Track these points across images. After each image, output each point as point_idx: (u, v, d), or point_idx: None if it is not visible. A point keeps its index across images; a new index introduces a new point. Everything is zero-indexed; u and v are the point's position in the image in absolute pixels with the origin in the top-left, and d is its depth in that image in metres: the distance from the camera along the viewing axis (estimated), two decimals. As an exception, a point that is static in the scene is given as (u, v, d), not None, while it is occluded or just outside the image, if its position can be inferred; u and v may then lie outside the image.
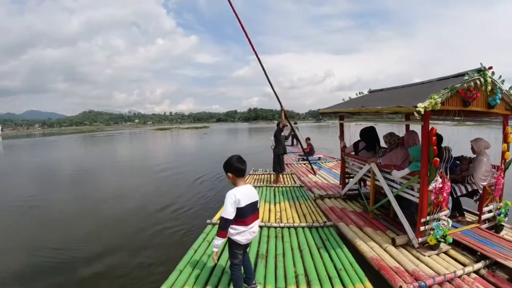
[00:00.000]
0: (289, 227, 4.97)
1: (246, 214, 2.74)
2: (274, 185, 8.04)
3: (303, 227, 4.96)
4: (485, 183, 4.39)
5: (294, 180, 8.79)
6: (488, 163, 4.48)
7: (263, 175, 9.65)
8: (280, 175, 8.77)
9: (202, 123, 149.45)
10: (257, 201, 2.89)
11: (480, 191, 4.45)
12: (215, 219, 5.25)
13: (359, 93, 6.24)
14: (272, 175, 9.20)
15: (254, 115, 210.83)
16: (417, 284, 3.09)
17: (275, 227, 4.96)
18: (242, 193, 2.75)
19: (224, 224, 2.71)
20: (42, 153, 25.43)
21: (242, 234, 2.78)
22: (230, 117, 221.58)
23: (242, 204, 2.70)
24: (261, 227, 4.84)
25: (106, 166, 15.73)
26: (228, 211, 2.68)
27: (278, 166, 8.40)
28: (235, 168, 2.81)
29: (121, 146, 30.83)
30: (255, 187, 7.62)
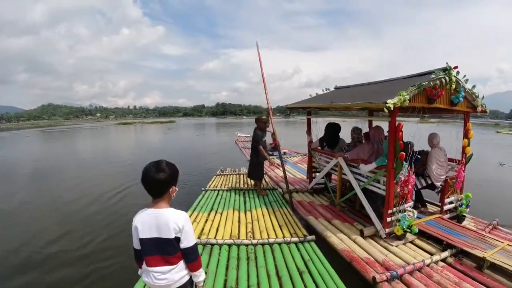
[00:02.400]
0: (263, 244, 4.16)
1: (145, 251, 1.83)
2: (244, 188, 7.13)
3: (279, 243, 4.18)
4: (442, 177, 4.66)
5: (265, 181, 7.65)
6: (442, 156, 4.73)
7: (231, 176, 8.66)
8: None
9: (168, 118, 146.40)
10: (167, 239, 1.78)
11: (436, 183, 4.70)
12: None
13: (326, 89, 6.36)
14: (241, 176, 8.53)
15: (222, 110, 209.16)
16: (389, 274, 3.22)
17: (247, 245, 4.15)
18: (142, 220, 1.82)
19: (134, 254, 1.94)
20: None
21: (145, 273, 1.90)
22: (197, 111, 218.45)
23: (141, 235, 1.80)
24: (229, 245, 4.13)
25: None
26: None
27: (261, 171, 6.65)
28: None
29: (67, 142, 27.50)
30: (222, 190, 6.91)
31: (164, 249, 1.79)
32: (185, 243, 1.80)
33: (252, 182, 7.22)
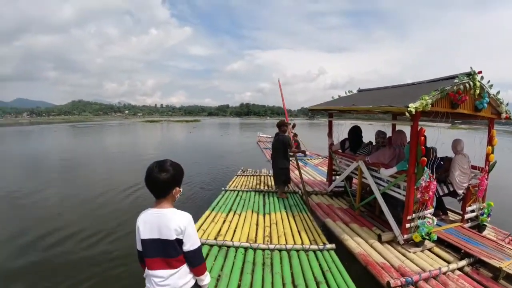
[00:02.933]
0: (280, 250, 4.02)
1: (146, 252, 1.74)
2: (265, 190, 6.97)
3: (297, 250, 4.01)
4: (464, 184, 4.55)
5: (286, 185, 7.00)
6: (466, 163, 4.63)
7: (252, 177, 8.54)
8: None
9: (193, 117, 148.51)
10: (168, 240, 1.69)
11: (458, 191, 4.60)
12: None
13: (349, 92, 6.33)
14: (262, 177, 8.44)
15: (246, 110, 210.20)
16: (404, 279, 3.19)
17: (263, 249, 4.02)
18: (144, 220, 1.75)
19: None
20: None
21: (148, 278, 1.79)
22: (221, 111, 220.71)
23: (142, 236, 1.73)
24: (245, 248, 4.04)
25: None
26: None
27: (288, 176, 6.52)
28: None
29: (93, 139, 27.96)
30: (242, 191, 6.87)
31: (166, 251, 1.70)
32: (188, 246, 1.71)
33: (273, 183, 7.15)
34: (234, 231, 4.62)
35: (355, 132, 5.91)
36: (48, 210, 6.45)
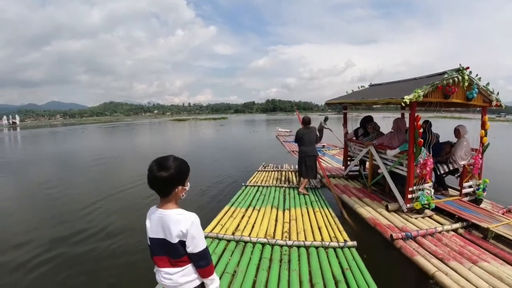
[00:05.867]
0: (299, 246, 3.93)
1: (153, 250, 1.72)
2: (285, 185, 6.97)
3: (317, 247, 3.89)
4: (464, 162, 5.34)
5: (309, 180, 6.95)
6: (468, 146, 5.40)
7: (273, 172, 8.54)
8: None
9: (220, 114, 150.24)
10: (171, 242, 1.62)
11: (460, 169, 5.41)
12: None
13: (361, 86, 7.17)
14: (283, 173, 8.47)
15: (272, 107, 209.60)
16: (404, 234, 4.07)
17: (281, 246, 3.94)
18: (150, 219, 1.71)
19: None
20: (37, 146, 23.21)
21: (157, 272, 1.77)
22: (247, 108, 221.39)
23: (149, 234, 1.71)
24: (263, 244, 3.98)
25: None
26: None
27: (316, 169, 6.69)
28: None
29: (120, 138, 28.78)
30: (262, 186, 6.93)
31: (170, 252, 1.66)
32: (191, 249, 1.62)
33: (295, 179, 7.46)
34: (253, 226, 4.61)
35: (367, 121, 6.79)
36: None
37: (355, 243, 3.98)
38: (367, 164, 6.67)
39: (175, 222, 1.61)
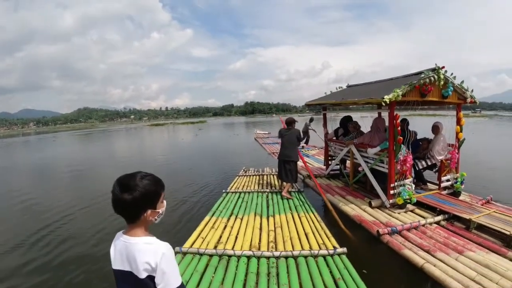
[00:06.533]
0: (286, 257, 3.68)
1: (118, 284, 1.40)
2: (267, 190, 6.69)
3: (305, 256, 3.68)
4: (441, 157, 5.56)
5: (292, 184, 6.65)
6: (445, 141, 5.64)
7: (254, 177, 8.22)
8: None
9: (198, 118, 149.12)
10: (138, 278, 1.28)
11: (438, 163, 5.62)
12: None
13: (339, 87, 7.34)
14: (264, 176, 8.17)
15: (251, 109, 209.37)
16: (390, 229, 4.22)
17: (268, 257, 3.67)
18: (115, 247, 1.40)
19: None
20: None
21: None
22: (226, 111, 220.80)
23: (113, 265, 1.39)
24: (248, 257, 3.70)
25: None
26: None
27: (296, 172, 6.49)
28: None
29: (94, 146, 27.20)
30: (243, 193, 6.60)
31: None
32: (161, 286, 1.28)
33: (277, 183, 7.11)
34: (236, 237, 4.31)
35: (347, 121, 6.95)
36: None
37: (345, 249, 3.79)
38: (348, 162, 6.83)
39: (142, 253, 1.30)
